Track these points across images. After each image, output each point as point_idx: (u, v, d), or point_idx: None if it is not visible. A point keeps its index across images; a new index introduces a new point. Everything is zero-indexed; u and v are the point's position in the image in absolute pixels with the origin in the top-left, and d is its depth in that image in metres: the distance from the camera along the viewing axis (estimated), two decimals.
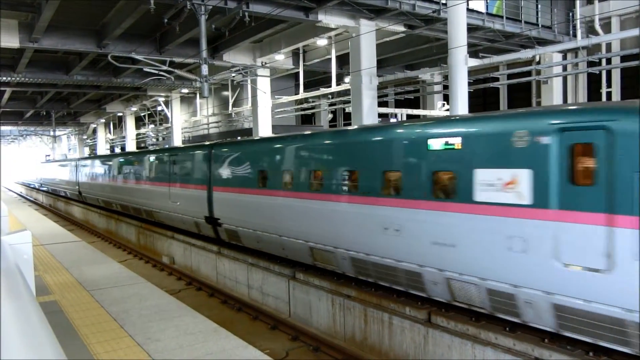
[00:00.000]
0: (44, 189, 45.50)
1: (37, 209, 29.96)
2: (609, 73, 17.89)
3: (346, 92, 19.61)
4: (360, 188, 8.47)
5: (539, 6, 17.48)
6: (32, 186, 53.61)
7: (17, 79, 21.96)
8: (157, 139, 37.33)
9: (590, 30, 18.23)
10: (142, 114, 38.94)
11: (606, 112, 5.63)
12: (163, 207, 16.65)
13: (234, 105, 27.73)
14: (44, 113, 40.12)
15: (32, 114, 40.51)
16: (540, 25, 17.36)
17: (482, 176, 6.51)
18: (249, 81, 21.69)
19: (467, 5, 13.36)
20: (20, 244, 3.90)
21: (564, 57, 18.81)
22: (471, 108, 13.05)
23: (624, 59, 16.01)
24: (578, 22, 17.89)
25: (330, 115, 29.18)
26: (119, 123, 44.16)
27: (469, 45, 13.49)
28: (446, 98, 20.20)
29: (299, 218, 9.89)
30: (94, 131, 48.10)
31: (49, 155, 51.63)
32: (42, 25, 15.30)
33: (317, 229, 9.40)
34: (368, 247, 8.32)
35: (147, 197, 18.09)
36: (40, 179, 46.90)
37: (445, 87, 19.03)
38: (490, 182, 6.41)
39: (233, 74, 20.23)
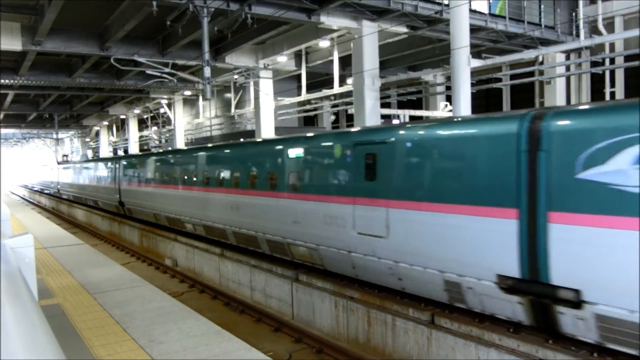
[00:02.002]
0: (44, 193, 42.35)
1: (40, 212, 30.01)
2: (612, 73, 17.85)
3: (349, 94, 19.60)
4: None
5: (542, 6, 17.46)
6: (47, 192, 45.47)
7: (20, 81, 22.05)
8: (160, 141, 37.38)
9: (594, 30, 18.19)
10: (145, 117, 39.03)
11: None
12: (332, 240, 9.12)
13: (236, 107, 27.74)
14: (47, 116, 40.25)
15: (34, 116, 40.65)
16: (543, 26, 17.34)
17: None
18: (252, 83, 21.72)
19: (470, 6, 13.34)
20: (22, 248, 3.91)
21: (567, 58, 18.76)
22: (474, 109, 13.02)
23: (627, 58, 15.97)
24: (581, 22, 17.87)
25: (333, 117, 29.24)
26: (121, 125, 44.29)
27: (472, 46, 13.46)
28: (449, 99, 20.24)
29: None
30: (97, 134, 48.18)
31: (66, 155, 48.89)
32: (45, 28, 15.33)
33: None
34: None
35: (278, 220, 10.67)
36: (58, 184, 38.53)
37: (448, 88, 19.03)
38: None
39: (235, 76, 20.29)
